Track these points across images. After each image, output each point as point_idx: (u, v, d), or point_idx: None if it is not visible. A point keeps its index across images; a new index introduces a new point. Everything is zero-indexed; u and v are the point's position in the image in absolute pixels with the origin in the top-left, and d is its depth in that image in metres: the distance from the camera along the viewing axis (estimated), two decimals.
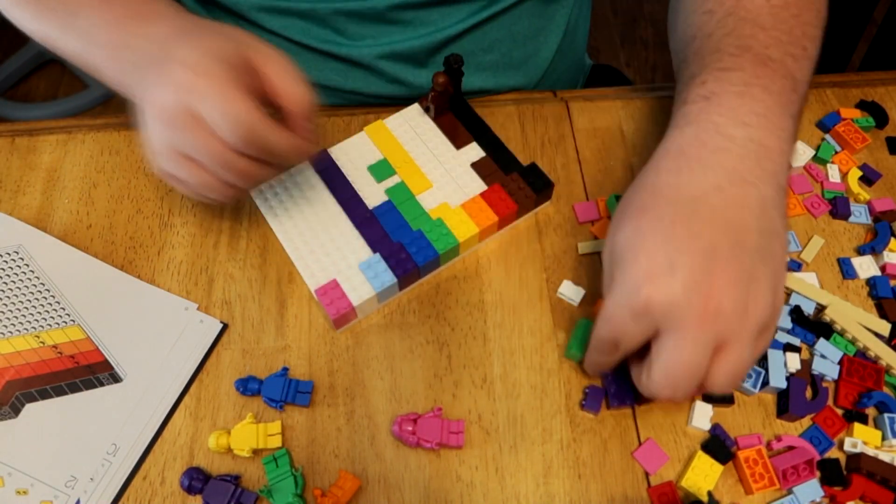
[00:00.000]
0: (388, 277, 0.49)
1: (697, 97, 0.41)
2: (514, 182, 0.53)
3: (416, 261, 0.50)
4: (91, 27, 0.48)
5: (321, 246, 0.52)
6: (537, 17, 0.65)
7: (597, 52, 1.72)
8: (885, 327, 0.49)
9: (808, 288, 0.51)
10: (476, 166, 0.55)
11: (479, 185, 0.54)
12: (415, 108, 0.59)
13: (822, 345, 0.49)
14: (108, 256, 0.53)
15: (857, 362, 0.48)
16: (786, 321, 0.49)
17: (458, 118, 0.58)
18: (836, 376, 0.48)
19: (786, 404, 0.46)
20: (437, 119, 0.58)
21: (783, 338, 0.49)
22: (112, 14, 0.47)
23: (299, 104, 0.44)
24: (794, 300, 0.50)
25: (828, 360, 0.48)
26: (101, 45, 0.47)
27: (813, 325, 0.50)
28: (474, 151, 0.56)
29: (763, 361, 0.47)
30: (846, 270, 0.53)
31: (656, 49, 1.74)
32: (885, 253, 0.53)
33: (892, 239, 0.54)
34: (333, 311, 0.48)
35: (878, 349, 0.48)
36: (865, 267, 0.53)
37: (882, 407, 0.47)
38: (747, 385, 0.47)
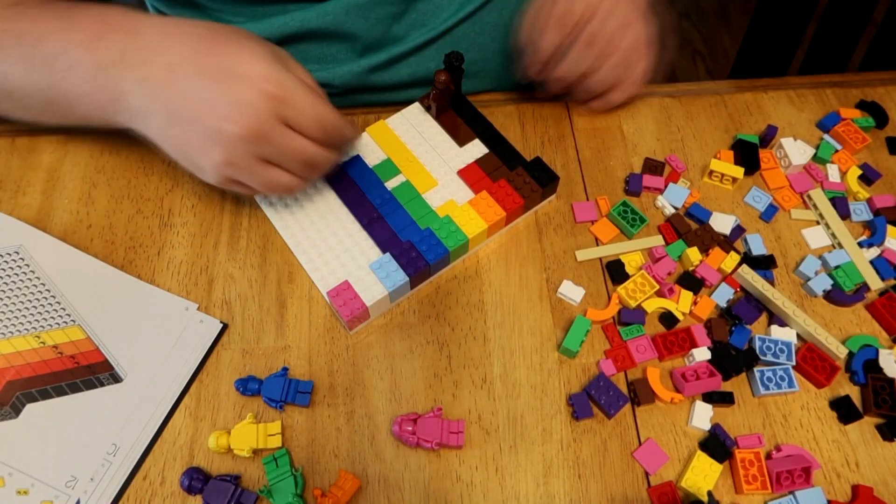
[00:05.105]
0: (401, 276, 0.49)
1: None
2: (520, 177, 0.53)
3: (426, 259, 0.50)
4: (70, 48, 0.45)
5: (329, 249, 0.52)
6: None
7: None
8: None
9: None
10: (480, 163, 0.55)
11: (485, 182, 0.54)
12: (416, 107, 0.58)
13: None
14: (108, 256, 0.53)
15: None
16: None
17: (460, 116, 0.58)
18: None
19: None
20: (439, 117, 0.58)
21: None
22: (83, 34, 0.45)
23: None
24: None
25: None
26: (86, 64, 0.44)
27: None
28: (477, 148, 0.56)
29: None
30: None
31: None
32: (887, 241, 0.54)
33: (890, 226, 0.54)
34: (347, 313, 0.48)
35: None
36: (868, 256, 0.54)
37: None
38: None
